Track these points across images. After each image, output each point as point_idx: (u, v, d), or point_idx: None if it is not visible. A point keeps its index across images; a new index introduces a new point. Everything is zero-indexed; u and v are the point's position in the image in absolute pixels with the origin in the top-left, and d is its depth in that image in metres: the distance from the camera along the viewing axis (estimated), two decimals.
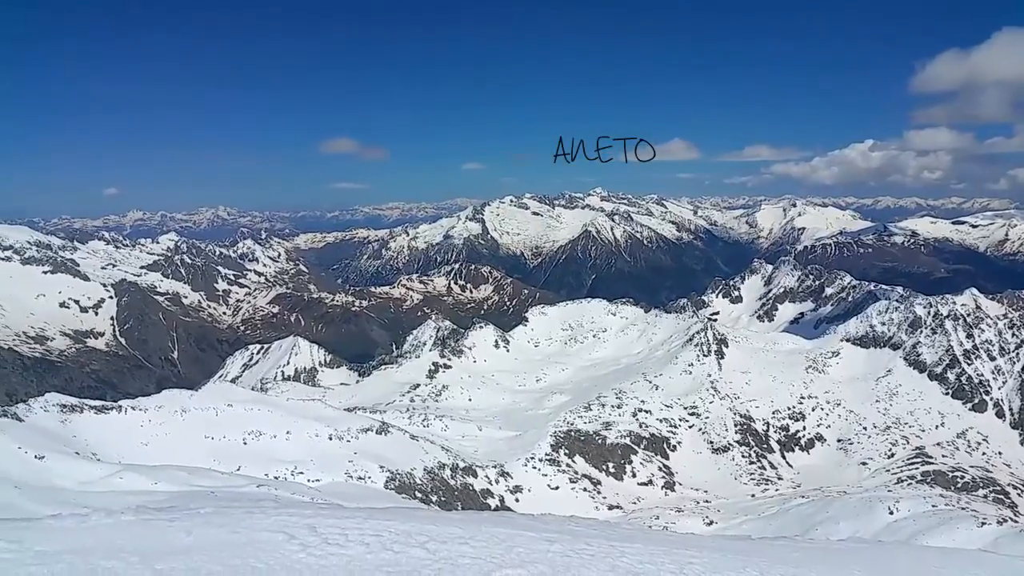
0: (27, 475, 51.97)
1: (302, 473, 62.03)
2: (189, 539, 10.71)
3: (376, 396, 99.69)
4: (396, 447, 69.37)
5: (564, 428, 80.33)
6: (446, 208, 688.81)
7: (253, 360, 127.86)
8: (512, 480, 71.29)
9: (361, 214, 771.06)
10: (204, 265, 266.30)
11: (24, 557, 9.47)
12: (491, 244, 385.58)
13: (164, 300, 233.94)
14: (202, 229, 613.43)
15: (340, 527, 11.04)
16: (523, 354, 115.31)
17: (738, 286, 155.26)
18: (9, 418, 59.38)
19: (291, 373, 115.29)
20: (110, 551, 9.83)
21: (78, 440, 60.96)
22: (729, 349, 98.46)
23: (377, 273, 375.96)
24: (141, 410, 66.69)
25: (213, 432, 65.75)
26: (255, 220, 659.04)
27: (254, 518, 11.70)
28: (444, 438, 78.57)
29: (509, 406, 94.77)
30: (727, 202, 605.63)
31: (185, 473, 54.16)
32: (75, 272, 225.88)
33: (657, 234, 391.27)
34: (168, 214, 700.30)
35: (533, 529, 11.79)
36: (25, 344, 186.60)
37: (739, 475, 78.34)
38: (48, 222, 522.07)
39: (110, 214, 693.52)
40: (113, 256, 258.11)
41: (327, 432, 68.53)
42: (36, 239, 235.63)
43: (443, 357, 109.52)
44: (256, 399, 74.39)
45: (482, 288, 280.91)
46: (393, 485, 63.45)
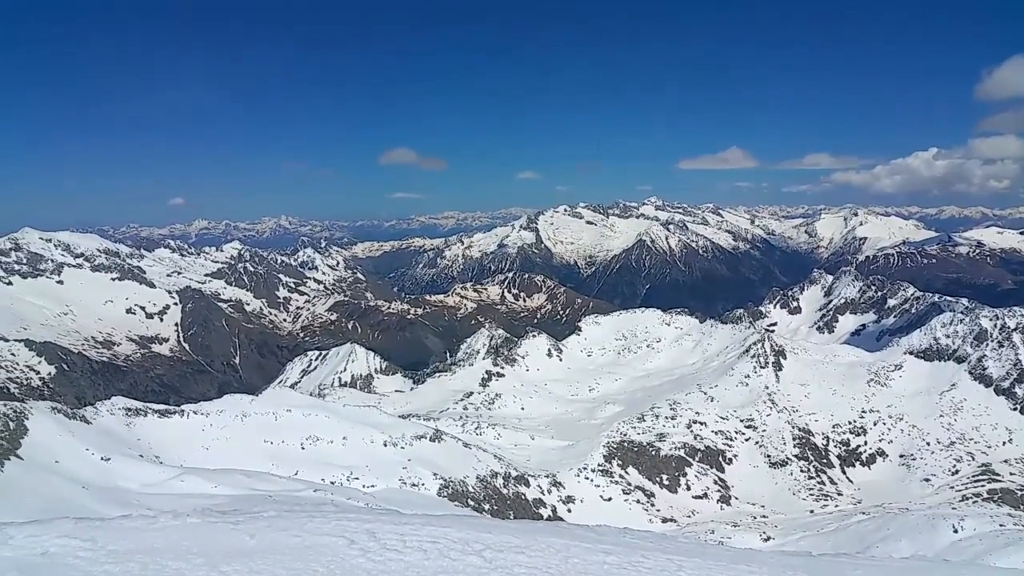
0: (93, 476, 53.85)
1: (357, 479, 62.86)
2: (252, 542, 10.93)
3: (430, 403, 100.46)
4: (449, 455, 69.76)
5: (617, 439, 79.64)
6: (500, 217, 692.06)
7: (311, 366, 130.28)
8: (564, 490, 70.96)
9: (417, 223, 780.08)
10: (266, 273, 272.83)
11: (98, 556, 9.79)
12: (545, 253, 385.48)
13: (227, 307, 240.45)
14: (264, 238, 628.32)
15: (398, 533, 11.16)
16: (576, 363, 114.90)
17: (797, 297, 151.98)
18: (77, 420, 61.59)
19: (348, 379, 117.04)
20: (177, 552, 10.11)
21: (142, 443, 62.92)
22: (787, 361, 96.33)
23: (432, 281, 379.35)
24: (203, 414, 68.55)
25: (272, 437, 67.16)
26: (315, 229, 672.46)
27: (315, 522, 11.87)
28: (497, 447, 78.70)
29: (561, 415, 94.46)
30: (786, 211, 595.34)
31: (244, 477, 55.41)
32: (141, 279, 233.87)
33: (713, 243, 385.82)
34: (232, 223, 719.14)
35: (589, 540, 11.72)
36: (93, 349, 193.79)
37: (797, 490, 76.46)
38: (117, 230, 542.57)
39: (176, 223, 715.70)
40: (178, 264, 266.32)
41: (382, 438, 69.32)
42: (105, 247, 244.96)
43: (496, 365, 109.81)
44: (314, 405, 75.74)
45: (535, 297, 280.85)
46: (446, 493, 63.80)
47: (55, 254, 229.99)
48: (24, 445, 53.69)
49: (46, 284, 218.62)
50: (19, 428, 55.18)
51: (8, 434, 53.88)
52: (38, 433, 55.97)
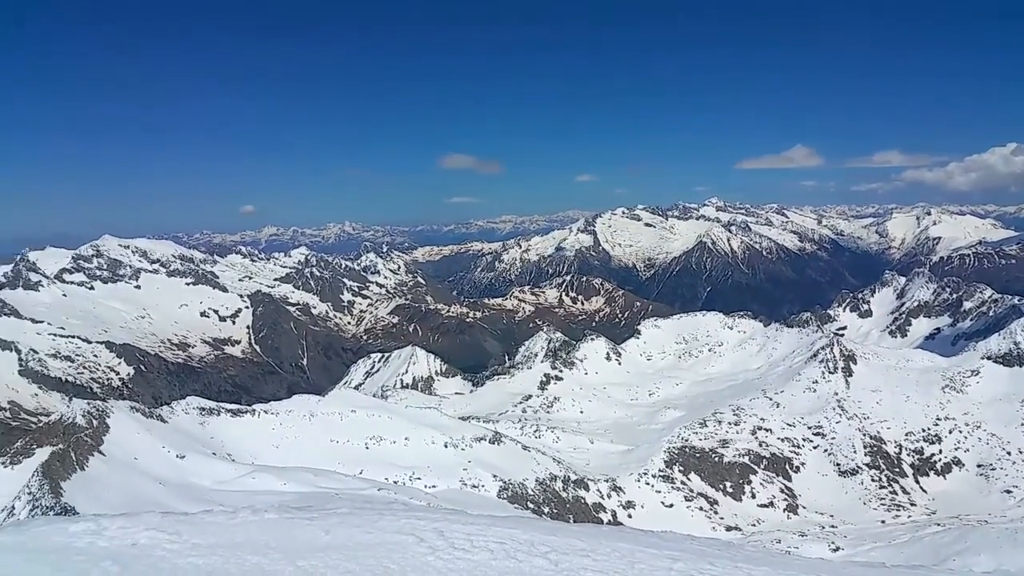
0: (169, 473, 56.16)
1: (419, 479, 63.85)
2: (327, 538, 11.32)
3: (489, 406, 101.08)
4: (508, 457, 70.17)
5: (678, 444, 78.73)
6: (558, 220, 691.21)
7: (374, 368, 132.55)
8: (624, 495, 70.54)
9: (475, 227, 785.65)
10: (331, 277, 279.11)
11: (183, 548, 10.36)
12: (603, 256, 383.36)
13: (295, 310, 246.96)
14: (329, 243, 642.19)
15: (465, 533, 11.43)
16: (635, 367, 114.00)
17: (867, 299, 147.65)
18: (155, 419, 64.28)
19: (409, 381, 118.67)
20: (256, 546, 10.59)
21: (215, 441, 65.26)
22: (857, 366, 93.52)
23: (490, 285, 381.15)
24: (273, 414, 70.70)
25: (338, 436, 68.82)
26: (377, 234, 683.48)
27: (385, 520, 12.25)
28: (556, 450, 78.75)
29: (621, 419, 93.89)
30: (855, 210, 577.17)
31: (312, 475, 56.96)
32: (215, 284, 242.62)
33: (777, 245, 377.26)
34: (299, 229, 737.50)
35: (655, 546, 11.78)
36: (169, 350, 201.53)
37: (868, 500, 74.18)
38: (191, 237, 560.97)
39: (247, 230, 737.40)
40: (249, 269, 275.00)
41: (443, 440, 70.23)
42: (180, 253, 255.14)
43: (554, 369, 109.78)
44: (377, 406, 77.26)
45: (593, 300, 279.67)
46: (506, 495, 64.20)
47: (133, 260, 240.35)
48: (106, 442, 56.45)
49: (125, 289, 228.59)
50: (101, 426, 57.96)
51: (92, 432, 56.66)
52: (118, 431, 58.70)
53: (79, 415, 57.94)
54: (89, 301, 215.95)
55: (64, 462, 51.05)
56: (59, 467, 49.90)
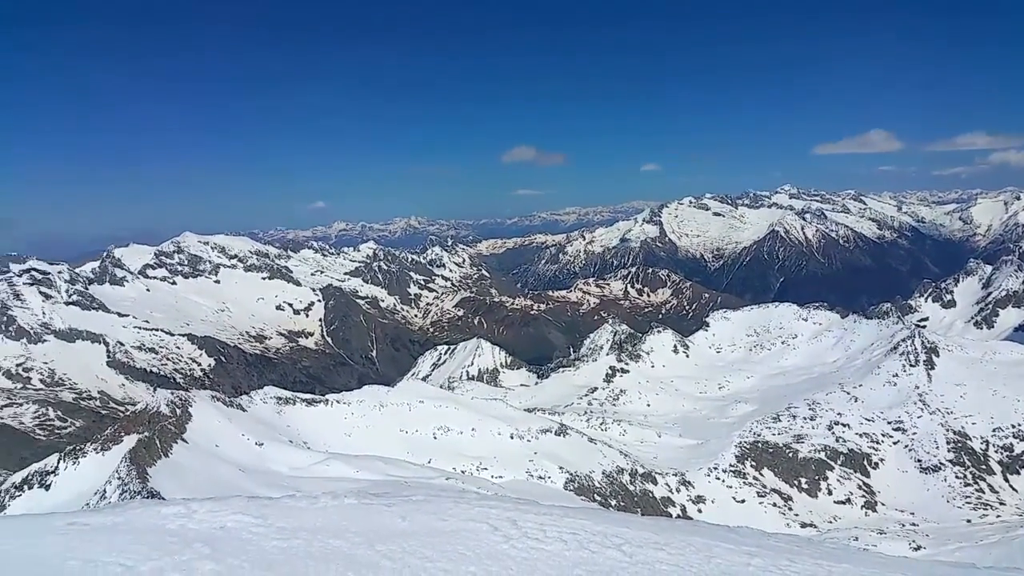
0: (249, 460, 58.27)
1: (486, 469, 64.61)
2: (404, 523, 11.61)
3: (554, 398, 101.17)
4: (574, 449, 70.25)
5: (750, 439, 77.28)
6: (622, 211, 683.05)
7: (441, 360, 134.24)
8: (694, 490, 69.74)
9: (539, 219, 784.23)
10: (398, 271, 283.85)
11: (268, 532, 10.79)
12: (669, 247, 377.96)
13: (364, 303, 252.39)
14: (396, 237, 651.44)
15: (538, 523, 11.54)
16: (704, 360, 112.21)
17: (951, 289, 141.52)
18: (234, 408, 66.81)
19: (475, 373, 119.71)
20: (337, 530, 10.96)
21: (291, 429, 67.44)
22: (940, 359, 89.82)
23: (554, 277, 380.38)
24: (345, 404, 72.61)
25: (407, 426, 70.18)
26: (442, 228, 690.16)
27: (460, 508, 12.49)
28: (622, 443, 78.35)
29: (689, 413, 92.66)
30: (936, 196, 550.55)
31: (382, 463, 58.30)
32: (289, 278, 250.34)
33: (855, 233, 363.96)
34: (367, 224, 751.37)
35: (730, 541, 11.64)
36: (247, 342, 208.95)
37: (952, 498, 71.33)
38: (266, 233, 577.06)
39: (318, 225, 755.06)
40: (321, 263, 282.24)
41: (509, 431, 70.79)
42: (256, 248, 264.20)
43: (620, 361, 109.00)
44: (444, 397, 78.35)
45: (660, 292, 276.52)
46: (572, 487, 64.34)
47: (212, 256, 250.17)
48: (189, 430, 58.95)
49: (205, 283, 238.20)
50: (184, 415, 60.54)
51: (175, 420, 59.24)
52: (200, 419, 61.25)
53: (163, 404, 60.59)
54: (171, 295, 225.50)
55: (150, 449, 53.50)
56: (145, 454, 52.32)
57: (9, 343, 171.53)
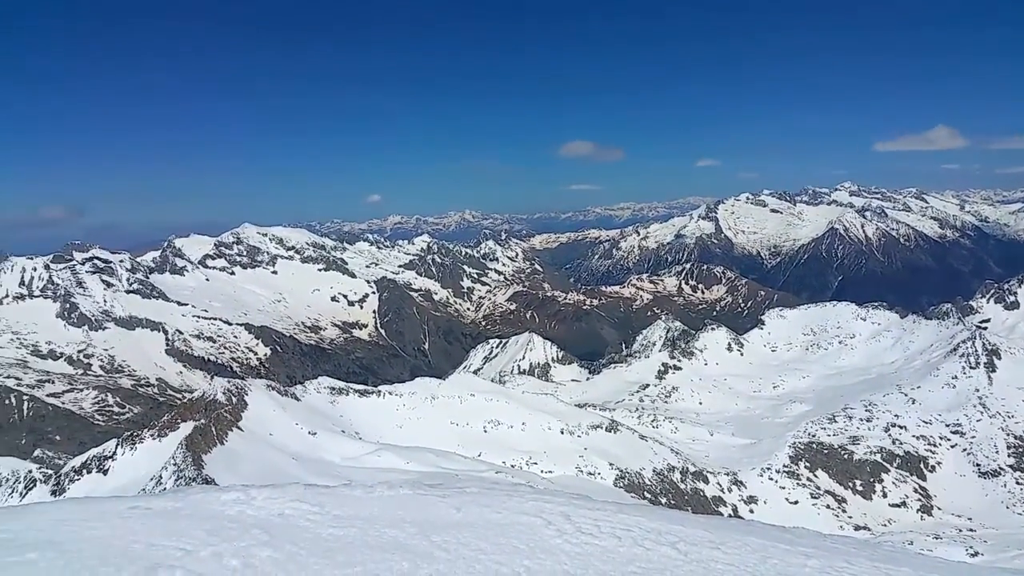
0: (302, 448, 59.40)
1: (536, 463, 64.65)
2: (458, 515, 11.68)
3: (605, 394, 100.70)
4: (625, 446, 69.80)
5: (804, 439, 75.72)
6: (677, 207, 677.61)
7: (493, 353, 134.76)
8: (746, 489, 68.71)
9: (593, 215, 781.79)
10: (451, 264, 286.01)
11: (325, 519, 10.97)
12: (725, 243, 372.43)
13: (418, 296, 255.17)
14: (450, 231, 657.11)
15: (592, 518, 11.49)
16: (759, 358, 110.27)
17: (1015, 290, 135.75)
18: (289, 397, 68.14)
19: (526, 367, 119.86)
20: (392, 520, 11.09)
21: (344, 419, 68.51)
22: (1002, 361, 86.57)
23: (608, 272, 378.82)
24: (397, 395, 73.43)
25: (457, 419, 70.63)
26: (496, 222, 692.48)
27: (513, 501, 12.50)
28: (674, 440, 77.60)
29: (743, 412, 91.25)
30: (1001, 195, 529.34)
31: (433, 455, 58.84)
32: (344, 270, 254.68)
33: (916, 231, 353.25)
34: (422, 218, 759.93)
35: (786, 541, 11.42)
36: (303, 333, 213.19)
37: (1012, 503, 68.79)
38: (323, 225, 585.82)
39: (374, 218, 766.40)
40: (376, 256, 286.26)
41: (559, 426, 70.68)
42: (313, 240, 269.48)
43: (673, 358, 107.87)
44: (495, 391, 78.60)
45: (714, 289, 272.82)
46: (622, 483, 63.96)
47: (270, 247, 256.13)
48: (244, 418, 60.34)
49: (263, 274, 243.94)
50: (240, 403, 62.00)
51: (231, 408, 60.69)
52: (256, 408, 62.64)
53: (220, 392, 62.12)
54: (230, 285, 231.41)
55: (206, 436, 54.85)
56: (201, 441, 53.62)
57: (71, 330, 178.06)
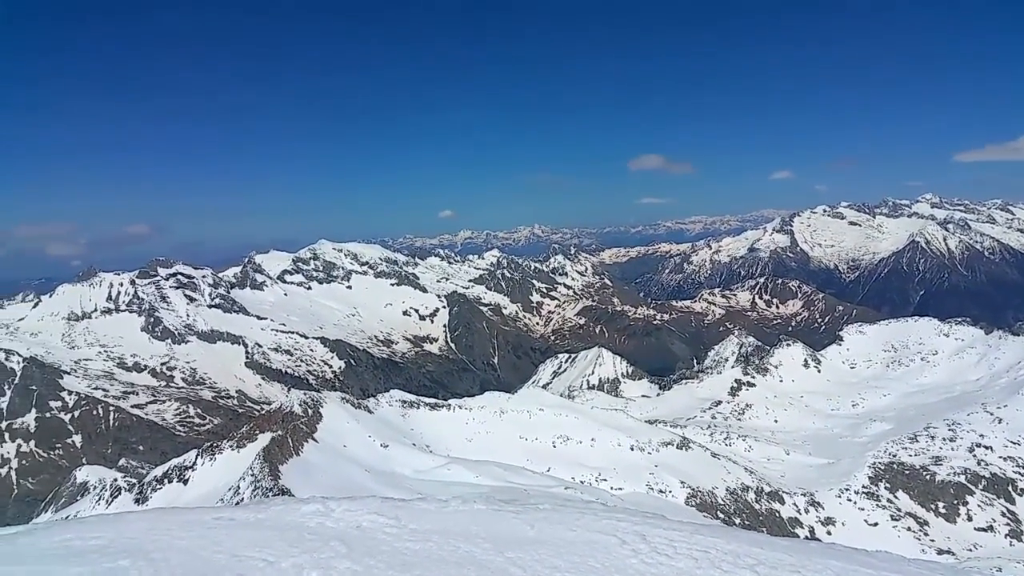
0: (374, 460, 60.40)
1: (605, 480, 64.04)
2: (532, 532, 11.66)
3: (676, 410, 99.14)
4: (697, 464, 68.52)
5: (885, 459, 72.85)
6: (751, 220, 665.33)
7: (562, 368, 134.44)
8: (823, 511, 66.49)
9: (664, 228, 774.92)
10: (521, 279, 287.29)
11: (401, 532, 11.19)
12: (800, 257, 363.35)
13: (487, 310, 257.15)
14: (520, 246, 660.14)
15: (668, 538, 11.35)
16: (836, 375, 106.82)
17: None
18: (362, 410, 69.49)
19: (595, 382, 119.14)
20: (468, 535, 11.18)
21: (415, 432, 69.43)
22: None
23: (678, 287, 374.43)
24: (466, 409, 74.01)
25: (527, 433, 70.67)
26: (565, 236, 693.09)
27: (587, 518, 12.42)
28: (747, 459, 75.78)
29: (820, 431, 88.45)
30: None
31: (502, 469, 58.97)
32: (415, 284, 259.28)
33: (1002, 244, 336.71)
34: (492, 233, 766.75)
35: (869, 566, 11.06)
36: (375, 346, 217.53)
37: None
38: (395, 240, 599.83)
39: (445, 233, 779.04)
40: (446, 271, 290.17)
41: (629, 442, 69.89)
42: (385, 255, 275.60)
43: (746, 375, 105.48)
44: (564, 405, 78.36)
45: (790, 303, 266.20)
46: (694, 502, 62.75)
47: (345, 262, 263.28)
48: (319, 430, 61.83)
49: (338, 289, 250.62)
50: (315, 415, 63.58)
51: (307, 420, 62.29)
52: (330, 419, 64.11)
53: (296, 404, 63.84)
54: (306, 300, 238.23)
55: (282, 447, 56.34)
56: (278, 452, 55.09)
57: (155, 343, 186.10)
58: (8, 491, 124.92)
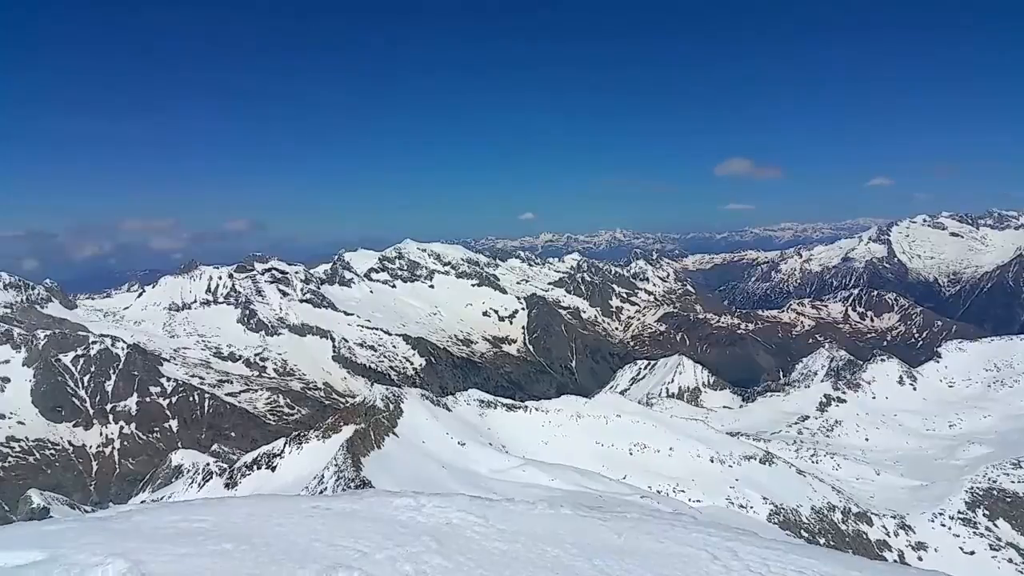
0: (451, 457, 61.37)
1: (683, 491, 63.04)
2: (620, 540, 11.66)
3: (760, 423, 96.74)
4: (780, 480, 66.71)
5: (984, 484, 69.07)
6: (845, 228, 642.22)
7: (640, 375, 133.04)
8: (914, 535, 63.64)
9: (751, 235, 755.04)
10: (601, 283, 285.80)
11: (490, 532, 11.37)
12: (897, 268, 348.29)
13: (566, 314, 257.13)
14: (600, 250, 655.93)
15: (760, 556, 11.12)
16: (933, 394, 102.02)
17: None
18: (441, 408, 70.80)
19: (675, 391, 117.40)
20: (555, 539, 11.23)
21: (491, 432, 70.18)
22: None
23: (765, 296, 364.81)
24: (543, 412, 74.28)
25: (602, 439, 70.38)
26: (647, 241, 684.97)
27: (675, 531, 12.34)
28: (835, 478, 73.28)
29: (914, 451, 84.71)
30: None
31: (577, 474, 58.85)
32: (496, 286, 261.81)
33: None
34: (573, 236, 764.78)
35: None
36: (455, 345, 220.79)
37: None
38: (477, 241, 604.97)
39: (526, 235, 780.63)
40: (526, 273, 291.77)
41: (708, 454, 68.64)
42: (467, 256, 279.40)
43: (836, 390, 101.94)
44: (642, 413, 77.57)
45: (885, 317, 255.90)
46: (777, 519, 61.13)
47: (428, 262, 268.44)
48: (400, 425, 63.42)
49: (420, 288, 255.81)
50: (396, 410, 65.19)
51: (388, 415, 63.94)
52: (410, 415, 65.60)
53: (379, 399, 65.61)
54: (391, 297, 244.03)
55: (364, 440, 58.12)
56: (360, 444, 56.90)
57: (250, 334, 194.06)
58: (111, 469, 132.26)
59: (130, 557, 8.97)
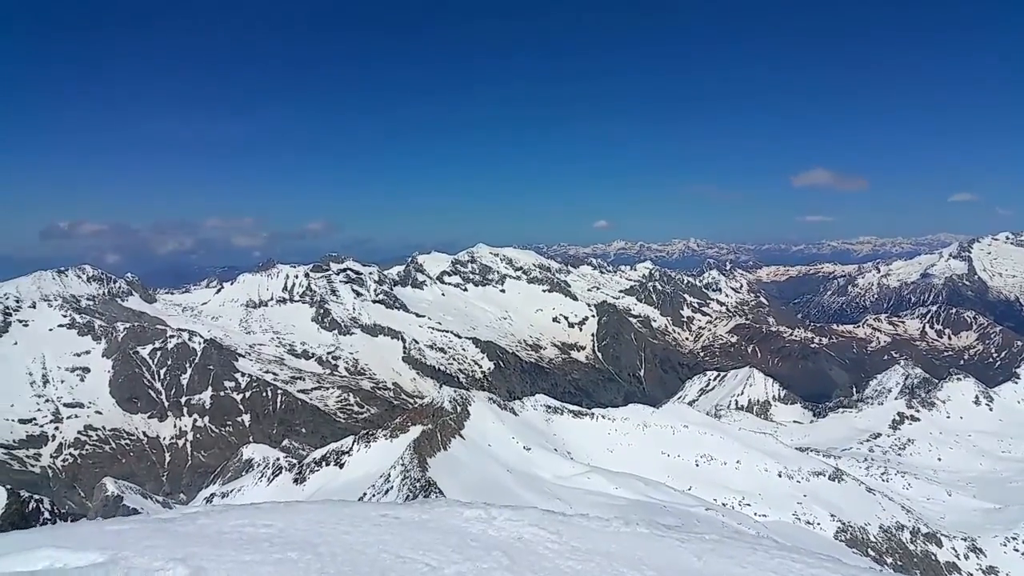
0: (516, 462, 62.44)
1: (749, 505, 62.86)
2: (699, 564, 11.40)
3: (830, 439, 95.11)
4: (849, 497, 65.81)
5: None
6: (925, 244, 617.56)
7: (709, 386, 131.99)
8: (985, 559, 61.88)
9: (828, 248, 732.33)
10: (672, 292, 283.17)
11: (563, 549, 11.27)
12: (978, 286, 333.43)
13: (636, 322, 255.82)
14: (673, 259, 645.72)
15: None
16: (1010, 415, 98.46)
17: None
18: (507, 411, 71.98)
19: (744, 404, 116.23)
20: (631, 560, 11.06)
21: (557, 438, 71.02)
22: None
23: (841, 310, 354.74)
24: (609, 419, 74.83)
25: (668, 449, 70.58)
26: (721, 252, 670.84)
27: (757, 556, 11.97)
28: (905, 497, 71.83)
29: (988, 473, 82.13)
30: None
31: (642, 484, 59.28)
32: (566, 292, 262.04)
33: None
34: (645, 244, 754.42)
35: None
36: (524, 350, 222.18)
37: None
38: (549, 248, 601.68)
39: (598, 243, 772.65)
40: (597, 280, 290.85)
41: (776, 468, 68.15)
42: (539, 262, 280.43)
43: (910, 408, 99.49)
44: (710, 424, 77.36)
45: (963, 335, 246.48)
46: (844, 537, 60.52)
47: (500, 267, 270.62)
48: (466, 427, 65.08)
49: (492, 292, 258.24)
50: (464, 412, 66.95)
51: (456, 417, 65.69)
52: (477, 418, 67.17)
53: (447, 401, 67.33)
54: (462, 301, 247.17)
55: (431, 441, 59.71)
56: (427, 445, 58.42)
57: (323, 333, 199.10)
58: (184, 461, 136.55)
59: (191, 563, 8.96)
